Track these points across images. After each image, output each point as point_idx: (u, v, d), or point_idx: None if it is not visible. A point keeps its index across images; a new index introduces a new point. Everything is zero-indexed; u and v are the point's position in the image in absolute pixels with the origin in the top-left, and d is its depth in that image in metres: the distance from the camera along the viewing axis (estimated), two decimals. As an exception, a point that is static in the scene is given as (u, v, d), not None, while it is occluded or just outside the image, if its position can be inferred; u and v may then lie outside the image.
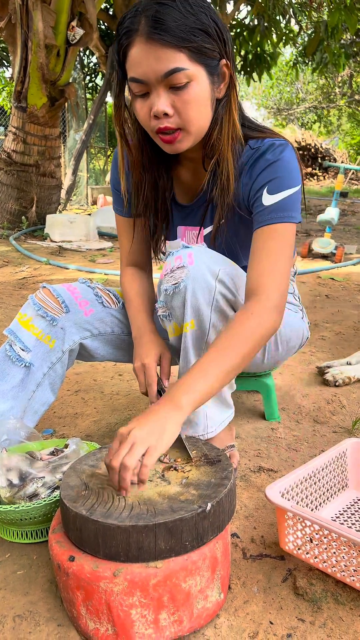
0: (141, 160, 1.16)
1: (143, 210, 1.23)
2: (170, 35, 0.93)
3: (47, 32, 5.35)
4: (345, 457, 1.22)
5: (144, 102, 1.01)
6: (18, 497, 1.04)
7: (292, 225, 1.08)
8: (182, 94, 0.98)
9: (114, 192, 1.32)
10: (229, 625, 0.88)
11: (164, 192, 1.21)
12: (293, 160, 1.10)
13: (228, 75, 1.04)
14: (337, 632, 0.86)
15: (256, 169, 1.10)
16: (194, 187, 1.21)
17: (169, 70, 0.95)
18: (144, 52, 0.95)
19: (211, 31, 0.97)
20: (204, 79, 1.00)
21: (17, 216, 6.00)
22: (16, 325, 1.25)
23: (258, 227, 1.09)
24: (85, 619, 0.83)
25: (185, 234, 1.26)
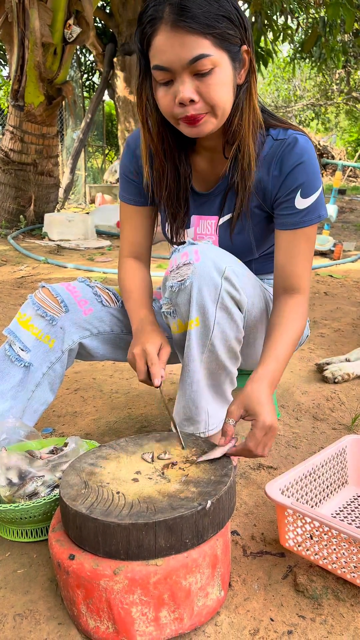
0: (162, 148, 1.16)
1: (166, 198, 1.23)
2: (196, 22, 0.94)
3: (44, 31, 5.34)
4: (345, 453, 1.22)
5: (167, 90, 1.01)
6: (18, 496, 1.04)
7: (317, 224, 1.18)
8: (206, 80, 0.99)
9: (123, 179, 1.30)
10: (229, 622, 0.88)
11: (185, 179, 1.21)
12: (315, 156, 1.14)
13: (248, 60, 1.05)
14: (337, 628, 0.86)
15: (286, 164, 1.12)
16: (211, 175, 1.22)
17: (195, 56, 0.96)
18: (170, 39, 0.96)
19: (233, 17, 0.98)
20: (227, 65, 1.00)
21: (15, 215, 5.99)
22: (15, 325, 1.25)
23: (290, 229, 1.16)
24: (86, 617, 0.83)
25: (199, 223, 1.26)
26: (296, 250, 1.16)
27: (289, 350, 1.10)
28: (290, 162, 1.12)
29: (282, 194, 1.15)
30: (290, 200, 1.14)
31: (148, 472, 0.94)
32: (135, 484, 0.90)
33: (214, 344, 1.12)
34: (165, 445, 1.04)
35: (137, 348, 1.13)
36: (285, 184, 1.13)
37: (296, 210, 1.14)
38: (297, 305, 1.16)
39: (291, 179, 1.13)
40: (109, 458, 0.99)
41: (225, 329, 1.12)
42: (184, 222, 1.26)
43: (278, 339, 1.09)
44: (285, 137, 1.13)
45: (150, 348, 1.11)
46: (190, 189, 1.24)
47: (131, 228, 1.33)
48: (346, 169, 14.04)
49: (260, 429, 0.97)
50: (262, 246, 1.27)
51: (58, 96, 5.79)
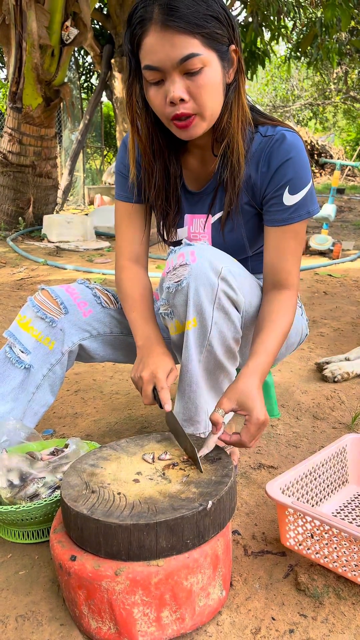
0: (151, 148, 1.16)
1: (154, 197, 1.23)
2: (185, 21, 0.95)
3: (41, 32, 5.34)
4: (345, 452, 1.22)
5: (158, 90, 1.03)
6: (19, 498, 1.04)
7: (307, 220, 1.18)
8: (196, 79, 1.00)
9: (118, 177, 1.29)
10: (231, 621, 0.88)
11: (175, 178, 1.21)
12: (305, 151, 1.14)
13: (236, 60, 1.06)
14: (339, 627, 0.87)
15: (274, 160, 1.13)
16: (203, 174, 1.22)
17: (185, 55, 0.97)
18: (159, 39, 0.97)
19: (221, 17, 1.00)
20: (217, 64, 1.02)
21: (14, 217, 5.99)
22: (15, 328, 1.26)
23: (278, 225, 1.16)
24: (88, 618, 0.83)
25: (193, 222, 1.26)
26: (285, 247, 1.17)
27: (278, 345, 1.11)
28: (278, 159, 1.12)
29: (270, 191, 1.15)
30: (278, 197, 1.14)
31: (149, 472, 0.94)
32: (136, 485, 0.90)
33: (211, 344, 1.12)
34: (166, 446, 1.04)
35: (146, 372, 1.09)
36: (274, 180, 1.14)
37: (284, 206, 1.14)
38: (286, 300, 1.16)
39: (279, 175, 1.13)
40: (109, 459, 1.00)
41: (223, 329, 1.12)
42: (176, 222, 1.26)
43: (267, 333, 1.10)
44: (273, 133, 1.13)
45: (161, 374, 1.08)
46: (183, 188, 1.24)
47: (128, 227, 1.31)
48: (344, 168, 14.04)
49: (254, 424, 0.99)
50: (255, 244, 1.27)
51: (56, 98, 5.79)
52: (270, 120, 1.16)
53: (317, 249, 4.77)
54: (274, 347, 1.09)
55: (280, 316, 1.14)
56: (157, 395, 1.08)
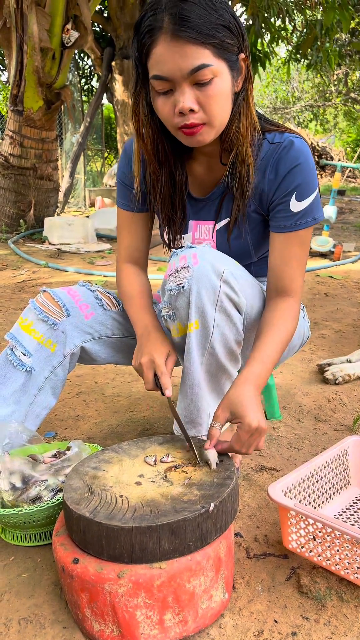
0: (156, 155, 1.16)
1: (160, 205, 1.23)
2: (196, 32, 0.94)
3: (42, 35, 5.36)
4: (347, 454, 1.22)
5: (166, 99, 1.02)
6: (21, 501, 1.04)
7: (312, 227, 1.18)
8: (206, 89, 0.99)
9: (120, 185, 1.30)
10: (233, 624, 0.88)
11: (181, 186, 1.21)
12: (312, 158, 1.14)
13: (245, 68, 1.06)
14: (341, 629, 0.86)
15: (282, 167, 1.13)
16: (208, 181, 1.22)
17: (196, 66, 0.96)
18: (170, 49, 0.96)
19: (232, 27, 0.99)
20: (227, 74, 1.01)
21: (15, 219, 6.00)
22: (17, 330, 1.26)
23: (284, 231, 1.16)
24: (91, 620, 0.83)
25: (197, 228, 1.26)
26: (290, 254, 1.17)
27: (276, 352, 1.10)
28: (286, 165, 1.12)
29: (277, 197, 1.15)
30: (285, 203, 1.14)
31: (151, 475, 0.94)
32: (138, 487, 0.90)
33: (213, 347, 1.12)
34: (168, 448, 1.04)
35: (145, 358, 1.12)
36: (281, 187, 1.14)
37: (291, 213, 1.14)
38: (288, 308, 1.16)
39: (287, 182, 1.13)
40: (111, 461, 1.00)
41: (225, 332, 1.13)
42: (182, 229, 1.27)
43: (265, 341, 1.10)
44: (281, 140, 1.13)
45: (159, 359, 1.11)
46: (188, 195, 1.24)
47: (128, 234, 1.33)
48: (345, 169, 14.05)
49: (246, 431, 0.98)
50: (260, 250, 1.28)
51: (57, 100, 5.81)
52: (277, 127, 1.16)
53: (318, 250, 4.78)
54: (272, 355, 1.08)
55: (280, 324, 1.13)
56: (158, 381, 1.11)
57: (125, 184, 1.28)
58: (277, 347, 1.10)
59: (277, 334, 1.11)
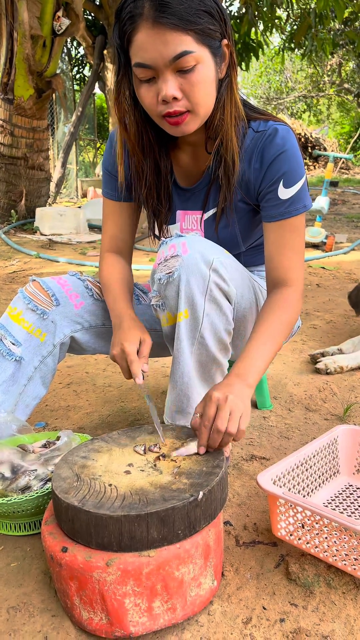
0: (140, 145, 1.14)
1: (146, 196, 1.22)
2: (177, 18, 0.92)
3: (33, 23, 5.29)
4: (337, 443, 1.23)
5: (149, 87, 1.00)
6: (10, 490, 1.04)
7: (304, 214, 1.17)
8: (189, 76, 0.98)
9: (106, 174, 1.29)
10: (222, 611, 0.88)
11: (166, 175, 1.20)
12: (297, 145, 1.13)
13: (229, 54, 1.04)
14: (329, 615, 0.87)
15: (267, 155, 1.11)
16: (194, 170, 1.21)
17: (178, 53, 0.95)
18: (151, 36, 0.94)
19: (213, 12, 0.97)
20: (209, 60, 1.00)
21: (7, 210, 5.96)
22: (6, 319, 1.25)
23: (275, 220, 1.15)
24: (79, 609, 0.83)
25: (185, 219, 1.25)
26: (283, 242, 1.16)
27: (271, 345, 1.07)
28: (271, 153, 1.11)
29: (265, 186, 1.14)
30: (273, 192, 1.13)
31: (140, 464, 0.94)
32: (127, 476, 0.90)
33: (203, 336, 1.12)
34: (158, 438, 1.04)
35: (117, 348, 1.12)
36: (267, 175, 1.13)
37: (280, 200, 1.13)
38: (285, 299, 1.14)
39: (273, 170, 1.12)
40: (101, 451, 1.00)
41: (215, 321, 1.12)
42: (168, 218, 1.26)
43: (256, 335, 1.08)
44: (265, 128, 1.12)
45: (129, 347, 1.10)
46: (174, 185, 1.23)
47: (113, 224, 1.32)
48: (338, 160, 14.03)
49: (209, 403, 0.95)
50: (248, 239, 1.27)
51: (48, 89, 5.75)
52: (262, 115, 1.15)
53: (311, 241, 4.78)
54: (263, 349, 1.06)
55: (274, 317, 1.11)
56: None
57: (111, 173, 1.27)
58: (271, 340, 1.08)
59: (271, 327, 1.09)
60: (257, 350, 1.05)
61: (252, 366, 1.03)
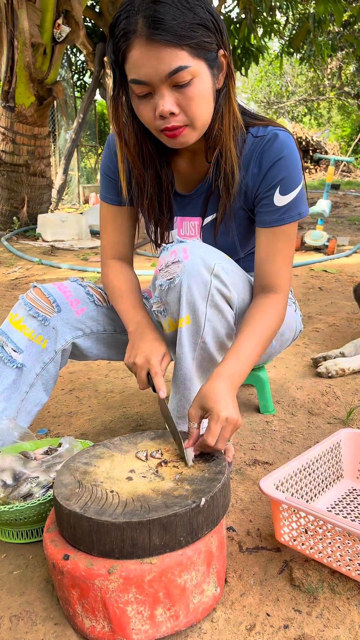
0: (141, 157, 1.14)
1: (148, 206, 1.21)
2: (171, 34, 0.91)
3: (33, 31, 5.33)
4: (340, 447, 1.22)
5: (147, 103, 1.00)
6: (12, 498, 1.04)
7: (297, 222, 1.17)
8: (186, 91, 0.97)
9: (103, 178, 1.28)
10: (225, 618, 0.88)
11: (167, 185, 1.20)
12: (297, 151, 1.13)
13: (226, 64, 1.04)
14: (333, 621, 0.86)
15: (265, 160, 1.11)
16: (193, 177, 1.21)
17: (173, 69, 0.94)
18: (145, 53, 0.93)
19: (209, 24, 0.96)
20: (206, 73, 0.99)
21: (9, 217, 5.98)
22: (7, 326, 1.25)
23: (268, 226, 1.15)
24: (82, 617, 0.83)
25: (183, 225, 1.25)
26: (275, 249, 1.16)
27: (256, 349, 1.08)
28: (270, 158, 1.11)
29: (261, 191, 1.14)
30: (269, 197, 1.13)
31: (142, 470, 0.94)
32: (129, 483, 0.90)
33: (205, 342, 1.12)
34: (160, 444, 1.03)
35: (140, 357, 1.10)
36: (265, 180, 1.12)
37: (275, 207, 1.13)
38: (272, 305, 1.14)
39: (270, 176, 1.12)
40: (103, 457, 0.99)
41: (216, 326, 1.12)
42: (169, 227, 1.26)
43: (243, 338, 1.08)
44: (264, 133, 1.12)
45: (154, 359, 1.09)
46: (173, 191, 1.23)
47: (113, 229, 1.31)
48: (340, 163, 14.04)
49: (215, 422, 0.95)
50: (246, 246, 1.27)
51: (49, 96, 5.78)
52: (261, 121, 1.14)
53: (312, 244, 4.77)
54: (249, 352, 1.07)
55: (262, 321, 1.11)
56: (151, 380, 1.09)
57: (110, 177, 1.26)
58: (257, 344, 1.08)
59: (258, 330, 1.10)
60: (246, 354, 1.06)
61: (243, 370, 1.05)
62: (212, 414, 0.96)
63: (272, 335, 1.13)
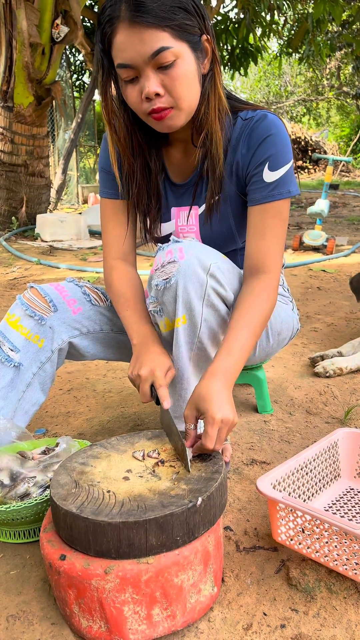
0: (130, 146, 1.16)
1: (137, 195, 1.22)
2: (152, 16, 0.94)
3: (32, 31, 5.32)
4: (337, 447, 1.22)
5: (133, 87, 1.02)
6: (9, 497, 1.03)
7: (289, 200, 1.15)
8: (170, 72, 0.99)
9: (102, 174, 1.28)
10: (222, 618, 0.88)
11: (156, 175, 1.20)
12: (286, 131, 1.14)
13: (210, 49, 1.06)
14: (330, 621, 0.86)
15: (253, 139, 1.12)
16: (187, 166, 1.21)
17: (155, 50, 0.96)
18: (129, 36, 0.96)
19: (189, 8, 0.99)
20: (189, 55, 1.01)
21: (7, 217, 5.97)
22: (4, 326, 1.25)
23: (259, 204, 1.14)
24: (78, 617, 0.83)
25: (179, 215, 1.25)
26: (264, 226, 1.14)
27: (249, 339, 1.06)
28: (258, 137, 1.12)
29: (251, 168, 1.14)
30: (258, 174, 1.13)
31: (139, 470, 0.94)
32: (126, 483, 0.90)
33: (202, 341, 1.12)
34: (157, 443, 1.03)
35: (145, 370, 1.07)
36: (254, 158, 1.13)
37: (264, 183, 1.13)
38: (262, 288, 1.12)
39: (259, 153, 1.12)
40: (100, 457, 0.99)
41: (213, 326, 1.12)
42: (158, 218, 1.26)
43: (235, 330, 1.06)
44: (253, 115, 1.13)
45: (159, 372, 1.07)
46: (168, 181, 1.24)
47: (115, 225, 1.29)
48: (338, 163, 14.05)
49: (210, 425, 0.94)
50: (243, 234, 1.26)
51: (47, 96, 5.78)
52: (250, 105, 1.16)
53: (311, 244, 4.77)
54: (242, 344, 1.05)
55: (253, 309, 1.09)
56: (154, 392, 1.07)
57: (108, 171, 1.26)
58: (249, 334, 1.06)
59: (250, 319, 1.07)
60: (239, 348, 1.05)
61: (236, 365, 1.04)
62: (207, 417, 0.95)
63: (265, 321, 1.11)
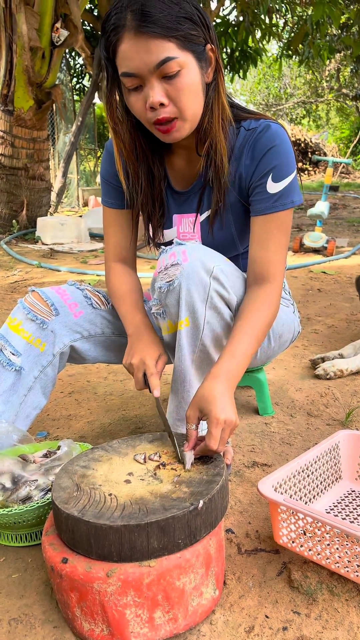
0: (134, 153, 1.16)
1: (142, 201, 1.23)
2: (159, 26, 0.95)
3: (32, 35, 5.34)
4: (338, 449, 1.22)
5: (138, 96, 1.02)
6: (11, 501, 1.04)
7: (292, 210, 1.16)
8: (174, 82, 1.00)
9: (104, 183, 1.30)
10: (224, 620, 0.88)
11: (159, 182, 1.21)
12: (289, 142, 1.14)
13: (214, 59, 1.06)
14: (332, 623, 0.86)
15: (257, 150, 1.13)
16: (189, 173, 1.22)
17: (161, 60, 0.97)
18: (134, 45, 0.97)
19: (195, 18, 1.00)
20: (194, 65, 1.01)
21: (8, 220, 5.98)
22: (6, 330, 1.25)
23: (262, 214, 1.15)
24: (80, 620, 0.83)
25: (181, 222, 1.26)
26: (268, 236, 1.15)
27: (251, 344, 1.07)
28: (261, 147, 1.12)
29: (254, 180, 1.15)
30: (262, 185, 1.14)
31: (140, 473, 0.94)
32: (127, 486, 0.90)
33: (204, 344, 1.12)
34: (158, 446, 1.04)
35: (136, 358, 1.12)
36: (258, 169, 1.13)
37: (268, 194, 1.13)
38: (266, 296, 1.13)
39: (263, 164, 1.13)
40: (101, 460, 0.99)
41: (216, 328, 1.12)
42: (161, 223, 1.27)
43: (238, 334, 1.07)
44: (256, 125, 1.14)
45: (150, 360, 1.11)
46: (170, 189, 1.25)
47: (115, 232, 1.33)
48: (338, 165, 14.06)
49: (214, 426, 0.95)
50: (245, 241, 1.27)
51: (47, 100, 5.79)
52: (254, 115, 1.16)
53: (311, 246, 4.78)
54: (244, 348, 1.06)
55: (256, 314, 1.10)
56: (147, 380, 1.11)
57: (109, 182, 1.28)
58: (252, 339, 1.07)
59: (252, 325, 1.08)
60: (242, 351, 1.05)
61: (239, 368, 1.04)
62: (210, 418, 0.96)
63: (267, 328, 1.12)
